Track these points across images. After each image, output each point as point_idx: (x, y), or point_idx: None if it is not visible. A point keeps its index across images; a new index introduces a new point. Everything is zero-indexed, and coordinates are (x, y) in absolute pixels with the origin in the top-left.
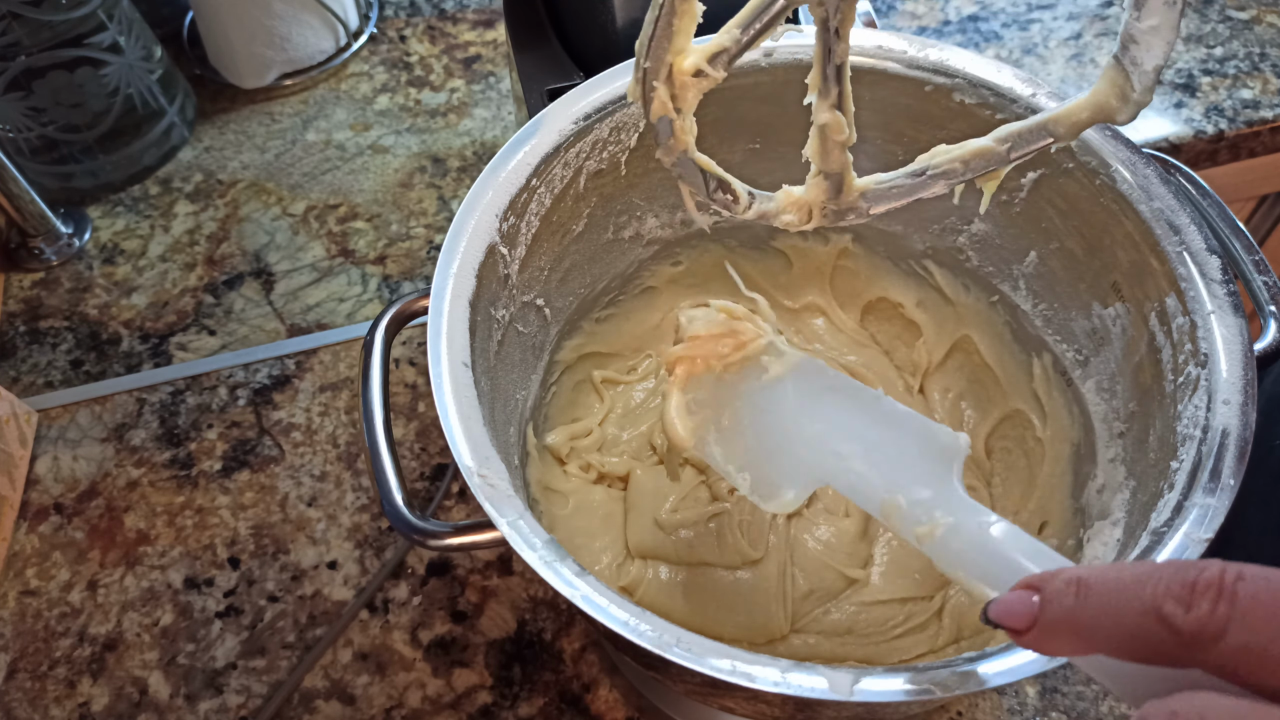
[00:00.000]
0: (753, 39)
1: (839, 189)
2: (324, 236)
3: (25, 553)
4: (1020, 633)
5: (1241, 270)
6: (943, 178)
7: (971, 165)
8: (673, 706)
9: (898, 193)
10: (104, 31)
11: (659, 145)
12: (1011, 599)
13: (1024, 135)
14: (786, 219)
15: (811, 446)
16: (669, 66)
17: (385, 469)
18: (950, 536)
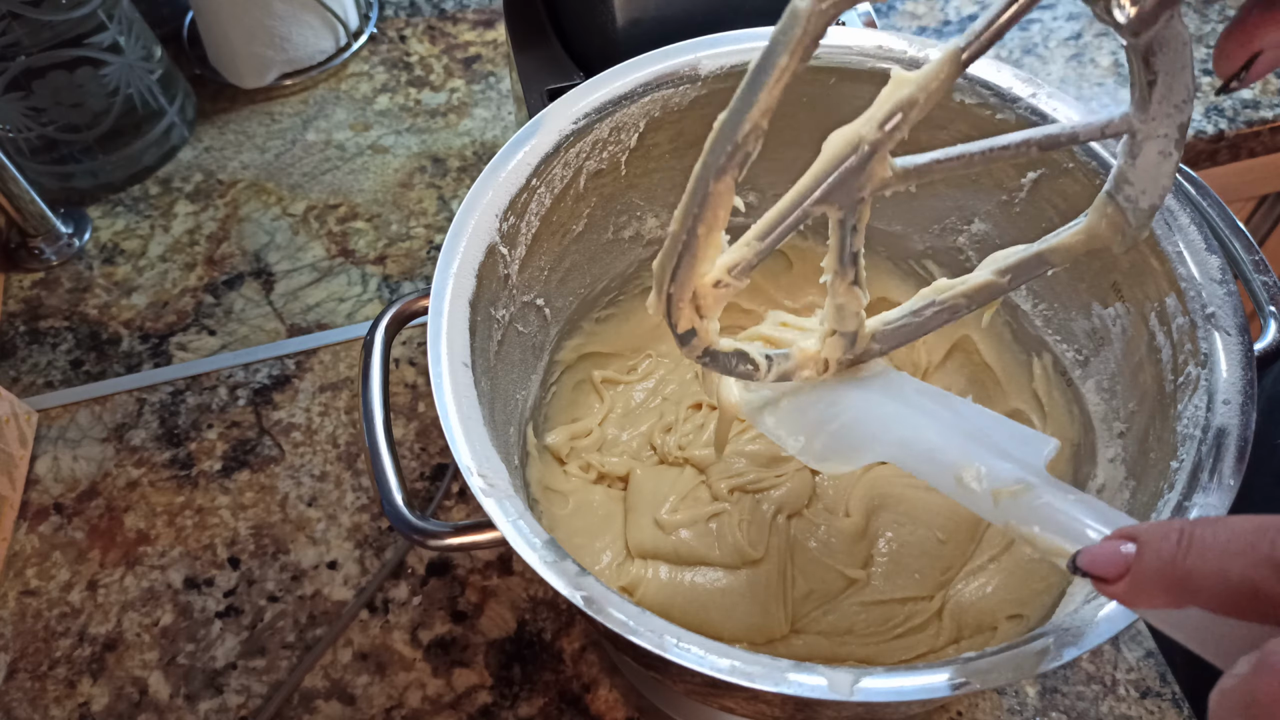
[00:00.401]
0: (768, 248)
1: (854, 343)
2: (324, 236)
3: (25, 553)
4: (1109, 582)
5: (1241, 270)
6: (947, 312)
7: (974, 298)
8: (673, 706)
9: (906, 332)
10: (104, 31)
11: (683, 346)
12: (1105, 547)
13: (1022, 266)
14: (806, 374)
15: (881, 423)
16: (694, 289)
17: (385, 469)
18: (1031, 496)
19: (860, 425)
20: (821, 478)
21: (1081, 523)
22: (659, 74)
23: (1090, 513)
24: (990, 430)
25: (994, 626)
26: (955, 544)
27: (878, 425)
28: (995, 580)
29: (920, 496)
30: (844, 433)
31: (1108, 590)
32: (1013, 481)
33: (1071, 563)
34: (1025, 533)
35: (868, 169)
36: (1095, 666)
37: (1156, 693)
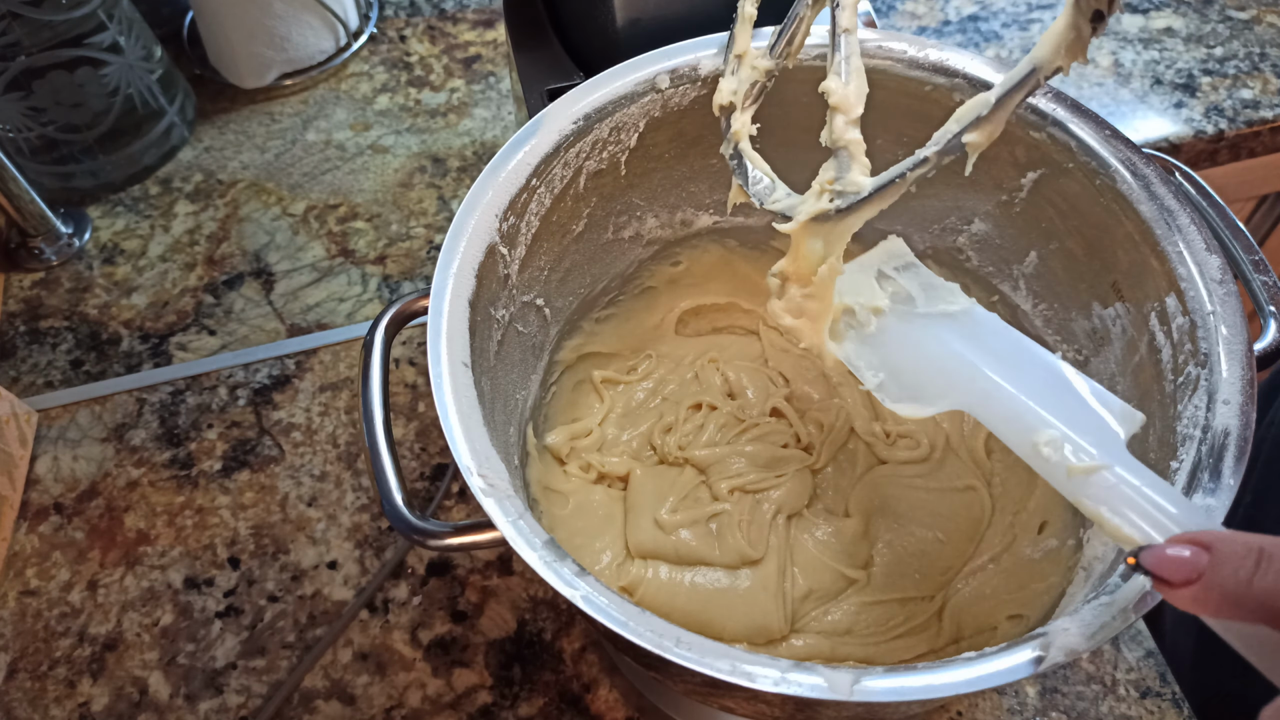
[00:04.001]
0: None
1: (847, 167)
2: (324, 236)
3: (25, 553)
4: (1173, 586)
5: (1241, 270)
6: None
7: (961, 118)
8: (673, 706)
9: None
10: (104, 31)
11: (724, 139)
12: (1176, 552)
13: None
14: (802, 208)
15: (965, 372)
16: (735, 61)
17: (385, 469)
18: (1105, 475)
19: (942, 372)
20: (821, 478)
21: (1153, 516)
22: (659, 74)
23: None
24: (1076, 394)
25: (994, 626)
26: (955, 544)
27: (961, 374)
28: (995, 580)
29: (920, 497)
30: (925, 377)
31: (1169, 592)
32: (1089, 459)
33: (1132, 559)
34: (1094, 511)
35: None
36: (1095, 666)
37: (1156, 693)
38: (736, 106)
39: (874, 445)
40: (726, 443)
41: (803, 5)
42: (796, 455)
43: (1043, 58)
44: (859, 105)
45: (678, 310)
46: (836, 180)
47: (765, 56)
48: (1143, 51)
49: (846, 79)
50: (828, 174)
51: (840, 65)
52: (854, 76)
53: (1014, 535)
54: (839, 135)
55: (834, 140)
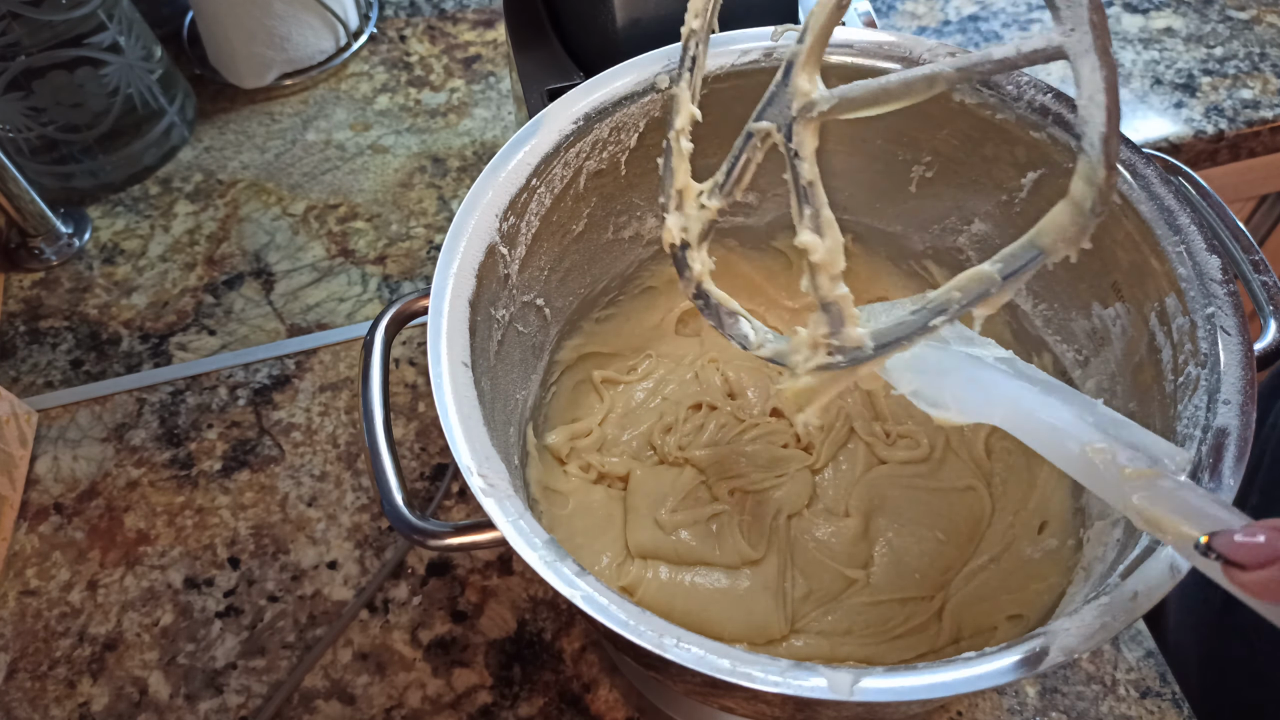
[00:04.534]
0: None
1: (840, 322)
2: (324, 236)
3: (25, 553)
4: (1245, 569)
5: (1241, 270)
6: (942, 312)
7: (966, 291)
8: (673, 706)
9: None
10: (104, 31)
11: (680, 278)
12: (1251, 535)
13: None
14: (795, 358)
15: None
16: (677, 197)
17: (385, 469)
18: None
19: (981, 389)
20: (821, 478)
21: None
22: (659, 74)
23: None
24: (1128, 425)
25: (994, 626)
26: (955, 544)
27: (1002, 392)
28: (995, 580)
29: (920, 497)
30: (963, 392)
31: (1239, 577)
32: (1145, 465)
33: (1204, 544)
34: (1151, 512)
35: (791, 84)
36: (1095, 666)
37: (1156, 693)
38: (691, 244)
39: (874, 445)
40: (726, 443)
41: (750, 148)
42: (796, 455)
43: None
44: (840, 260)
45: (678, 310)
46: (832, 336)
47: (714, 195)
48: (1143, 51)
49: (822, 234)
50: (820, 329)
51: (810, 219)
52: (828, 231)
53: (1014, 535)
54: (826, 292)
55: (821, 297)
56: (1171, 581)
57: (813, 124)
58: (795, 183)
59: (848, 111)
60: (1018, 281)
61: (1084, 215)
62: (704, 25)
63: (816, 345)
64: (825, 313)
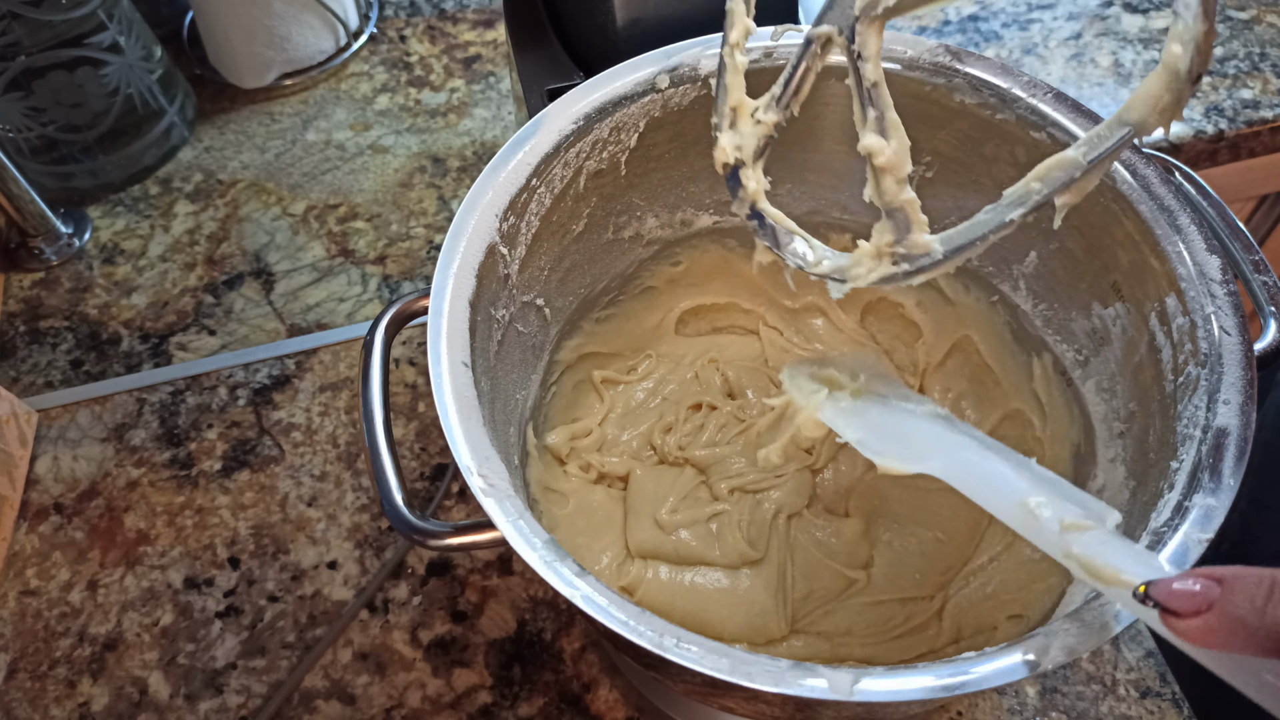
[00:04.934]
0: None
1: (906, 228)
2: (324, 236)
3: (25, 553)
4: (1180, 616)
5: (1241, 270)
6: (1021, 204)
7: (1048, 180)
8: (673, 706)
9: (978, 228)
10: (104, 31)
11: (733, 198)
12: (1186, 583)
13: (1099, 135)
14: (857, 271)
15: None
16: (731, 114)
17: (385, 469)
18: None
19: (923, 440)
20: (821, 478)
21: (1151, 563)
22: (659, 74)
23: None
24: (1059, 483)
25: (994, 626)
26: (955, 544)
27: (943, 443)
28: (995, 580)
29: (920, 497)
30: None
31: (1176, 624)
32: (1082, 518)
33: (1140, 593)
34: (1090, 562)
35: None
36: (1095, 666)
37: (1156, 693)
38: (745, 163)
39: None
40: (726, 442)
41: (810, 55)
42: (797, 455)
43: (1139, 120)
44: (907, 163)
45: (678, 310)
46: (898, 242)
47: (770, 109)
48: (1143, 51)
49: (888, 136)
50: (885, 236)
51: (875, 122)
52: (894, 133)
53: (1014, 535)
54: (892, 197)
55: (887, 202)
56: None
57: (877, 23)
58: (859, 86)
59: (912, 8)
60: (1105, 165)
61: (1180, 80)
62: None
63: (881, 255)
64: (890, 219)
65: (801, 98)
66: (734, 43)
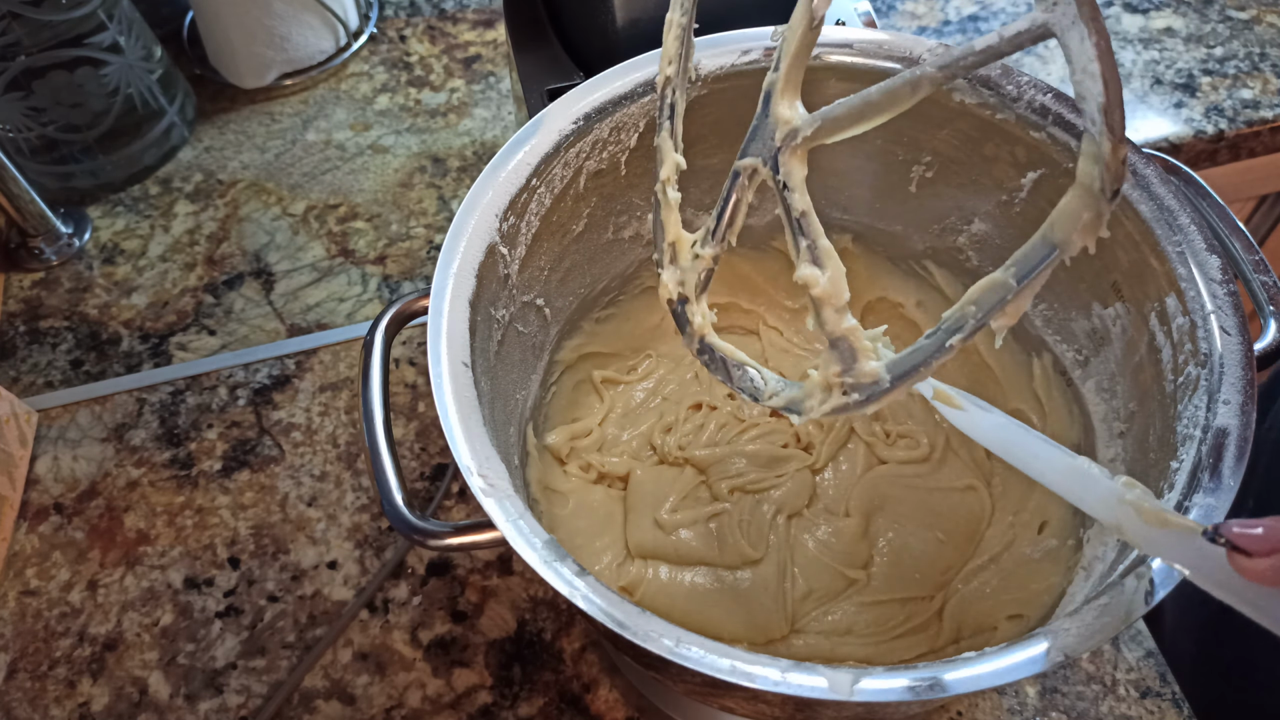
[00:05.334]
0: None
1: (852, 358)
2: (324, 236)
3: (25, 553)
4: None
5: (1241, 270)
6: (957, 330)
7: (981, 303)
8: (673, 706)
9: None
10: (104, 31)
11: (681, 333)
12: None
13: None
14: (810, 404)
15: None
16: (670, 249)
17: (385, 469)
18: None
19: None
20: (821, 478)
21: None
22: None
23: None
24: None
25: (994, 626)
26: (955, 544)
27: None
28: (995, 580)
29: (920, 497)
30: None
31: (1246, 564)
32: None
33: (1213, 530)
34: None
35: (772, 114)
36: (1095, 666)
37: (1156, 693)
38: (689, 298)
39: (874, 445)
40: (726, 442)
41: (738, 187)
42: (796, 455)
43: (1062, 239)
44: (844, 291)
45: None
46: (845, 372)
47: (707, 243)
48: (1143, 51)
49: (822, 265)
50: (832, 367)
51: (808, 251)
52: (828, 261)
53: (1014, 535)
54: (833, 327)
55: (829, 332)
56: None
57: (799, 152)
58: (788, 215)
59: (833, 134)
60: (1035, 285)
61: (1095, 198)
62: (679, 71)
63: (830, 386)
64: (835, 349)
65: (736, 229)
66: (664, 179)
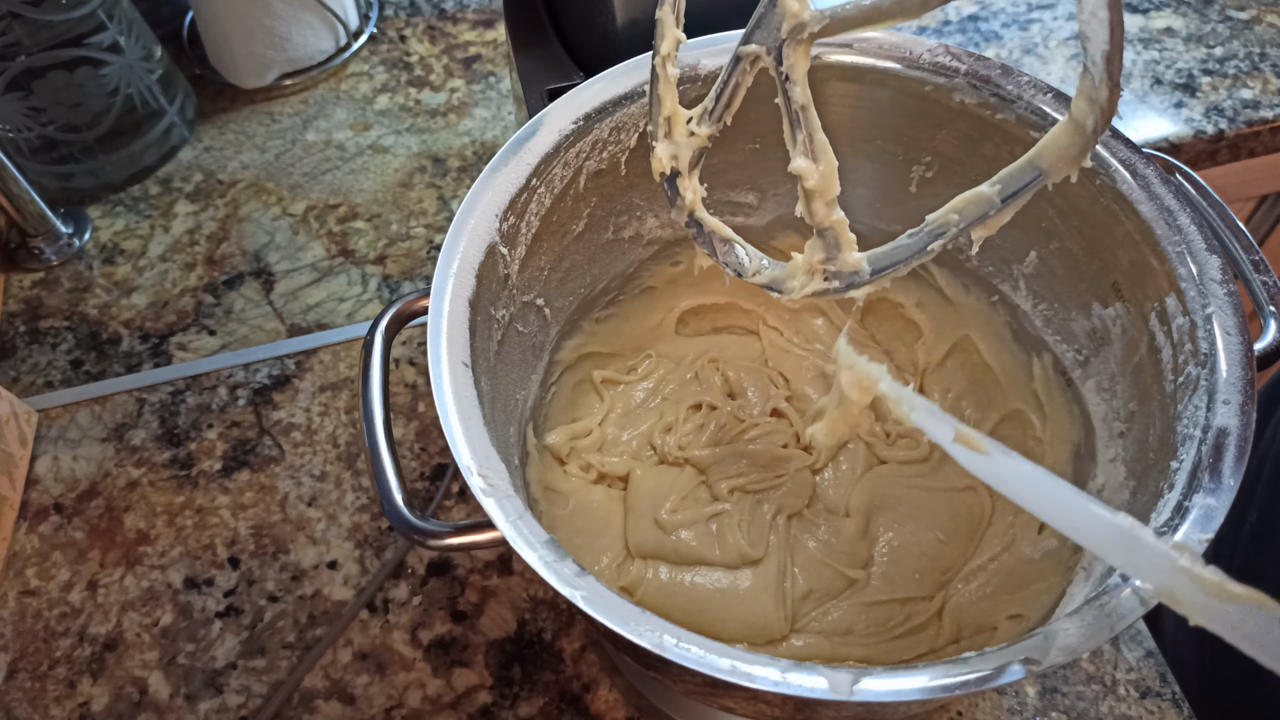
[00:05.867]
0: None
1: (836, 247)
2: (324, 236)
3: (25, 553)
4: None
5: (1241, 270)
6: (939, 235)
7: (965, 214)
8: (673, 706)
9: (901, 252)
10: (104, 31)
11: (671, 206)
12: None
13: (1013, 175)
14: (791, 284)
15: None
16: (666, 124)
17: (385, 469)
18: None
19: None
20: (821, 478)
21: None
22: None
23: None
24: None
25: (994, 626)
26: (955, 544)
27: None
28: (995, 580)
29: (920, 497)
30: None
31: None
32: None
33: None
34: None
35: (780, 4)
36: (1095, 666)
37: (1156, 693)
38: (681, 172)
39: (874, 445)
40: (726, 443)
41: (739, 71)
42: (796, 455)
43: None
44: (835, 185)
45: (678, 310)
46: (828, 261)
47: (704, 121)
48: (1143, 51)
49: (816, 159)
50: (816, 255)
51: (804, 144)
52: (822, 156)
53: (1014, 535)
54: (822, 218)
55: (817, 223)
56: None
57: (803, 45)
58: (787, 107)
59: (840, 31)
60: (1017, 203)
61: (1084, 135)
62: None
63: (813, 270)
64: (821, 238)
65: (733, 110)
66: (665, 54)
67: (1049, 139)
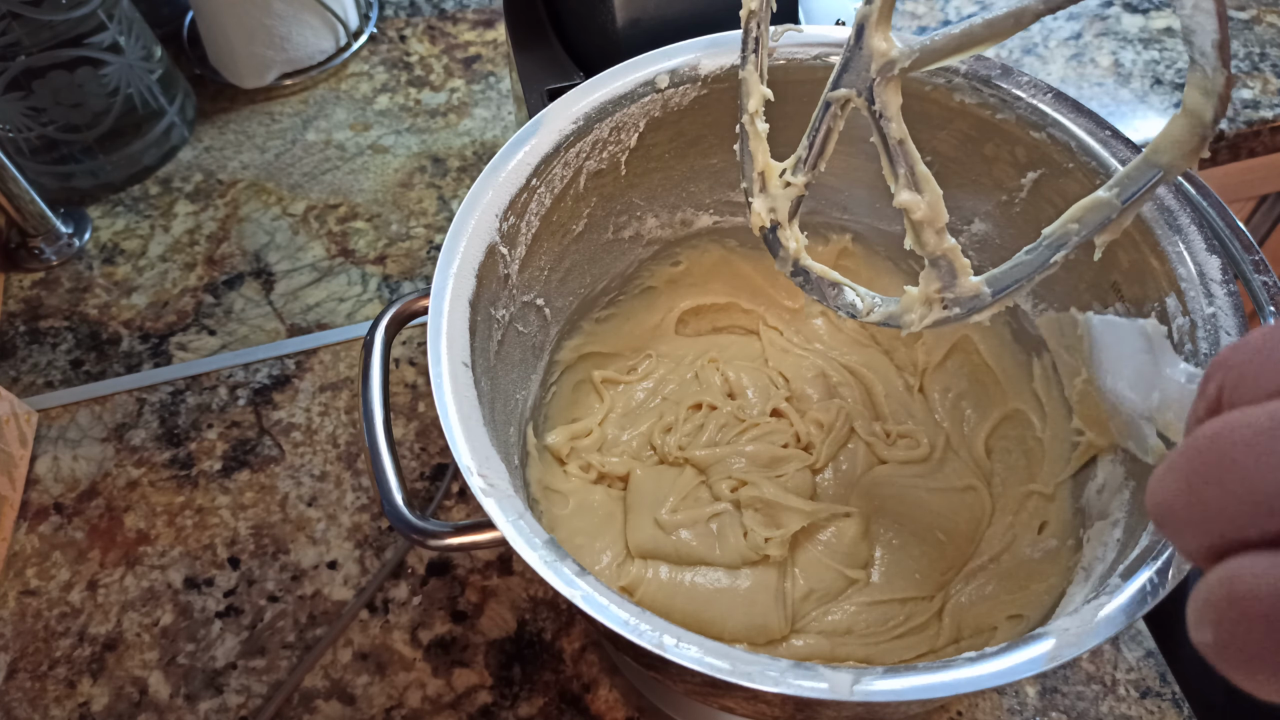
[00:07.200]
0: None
1: (952, 274)
2: (324, 236)
3: (25, 553)
4: None
5: (1241, 270)
6: (1060, 246)
7: (1085, 222)
8: (673, 706)
9: (1022, 270)
10: (104, 31)
11: (775, 258)
12: None
13: (1130, 176)
14: (909, 317)
15: None
16: (760, 179)
17: (385, 469)
18: None
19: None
20: (821, 478)
21: None
22: (659, 74)
23: None
24: None
25: (994, 626)
26: (955, 544)
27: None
28: (995, 580)
29: (920, 497)
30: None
31: None
32: None
33: None
34: None
35: (866, 45)
36: (1095, 666)
37: (1156, 693)
38: (781, 223)
39: (874, 445)
40: (726, 442)
41: (829, 116)
42: (796, 455)
43: (1168, 163)
44: (943, 213)
45: (678, 310)
46: (945, 289)
47: (798, 171)
48: (1143, 51)
49: (921, 190)
50: (933, 285)
51: (906, 178)
52: (926, 186)
53: (1014, 535)
54: (934, 247)
55: (929, 252)
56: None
57: (894, 82)
58: (885, 144)
59: (931, 63)
60: (1138, 205)
61: (1203, 125)
62: (763, 4)
63: (930, 301)
64: (935, 268)
65: (826, 157)
66: (752, 111)
67: (1164, 136)
